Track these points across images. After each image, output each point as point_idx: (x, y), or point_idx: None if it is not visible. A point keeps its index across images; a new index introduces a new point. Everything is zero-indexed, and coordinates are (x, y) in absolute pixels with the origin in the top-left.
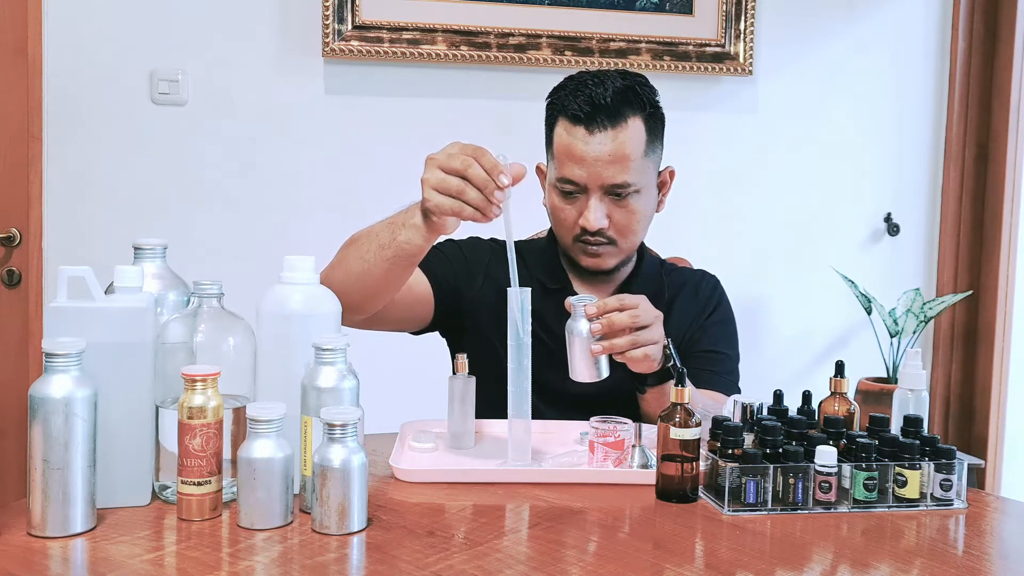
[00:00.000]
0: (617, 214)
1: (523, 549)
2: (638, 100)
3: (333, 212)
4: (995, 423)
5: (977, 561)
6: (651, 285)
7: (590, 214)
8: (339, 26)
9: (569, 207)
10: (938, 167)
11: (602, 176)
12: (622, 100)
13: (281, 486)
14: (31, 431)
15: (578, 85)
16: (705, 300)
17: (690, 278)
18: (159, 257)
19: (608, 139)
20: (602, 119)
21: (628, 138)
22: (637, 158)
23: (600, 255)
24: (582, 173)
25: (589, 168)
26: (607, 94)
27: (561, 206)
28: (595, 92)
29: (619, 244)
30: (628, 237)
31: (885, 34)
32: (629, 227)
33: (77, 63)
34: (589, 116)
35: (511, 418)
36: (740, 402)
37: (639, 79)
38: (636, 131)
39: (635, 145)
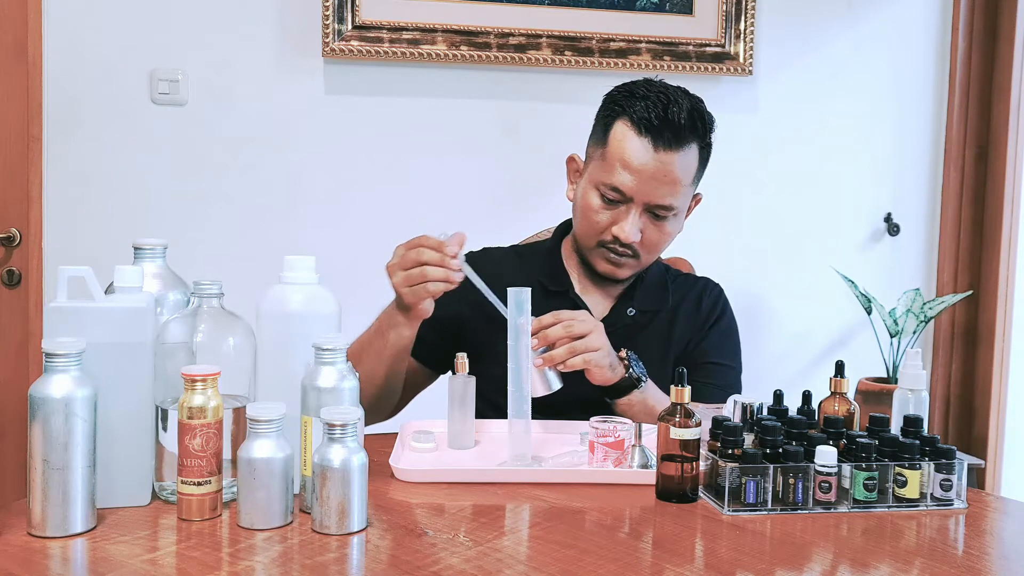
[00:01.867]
0: (650, 231)
1: (523, 549)
2: (703, 127)
3: (333, 212)
4: (995, 423)
5: (977, 561)
6: (655, 291)
7: (627, 226)
8: (339, 26)
9: (606, 212)
10: (938, 167)
11: (652, 194)
12: (691, 124)
13: (281, 486)
14: (31, 431)
15: (654, 91)
16: (708, 309)
17: (693, 286)
18: (159, 257)
19: (670, 159)
20: (669, 137)
21: (686, 163)
22: (686, 184)
23: (621, 265)
24: (633, 185)
25: (642, 182)
26: (682, 113)
27: (597, 209)
28: (671, 108)
29: (642, 259)
30: (652, 254)
31: (885, 34)
32: (657, 246)
33: (77, 63)
34: (658, 130)
35: (511, 418)
36: (740, 402)
37: (704, 106)
38: (693, 158)
39: (688, 171)
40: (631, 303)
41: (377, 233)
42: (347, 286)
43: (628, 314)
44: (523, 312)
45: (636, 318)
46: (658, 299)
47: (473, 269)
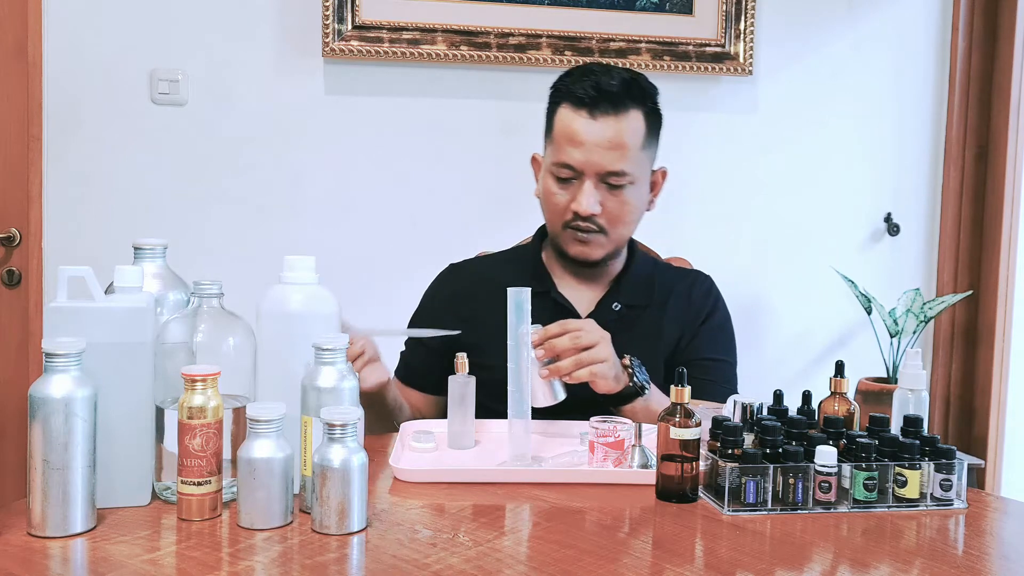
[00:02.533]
0: (610, 203)
1: (523, 549)
2: (641, 93)
3: (333, 212)
4: (995, 423)
5: (977, 561)
6: (642, 284)
7: (583, 198)
8: (339, 26)
9: (563, 191)
10: (938, 167)
11: (600, 162)
12: (627, 90)
13: (281, 486)
14: (31, 431)
15: (585, 72)
16: (700, 304)
17: (683, 279)
18: (159, 257)
19: (610, 125)
20: (606, 105)
21: (628, 127)
22: (635, 149)
23: (589, 243)
24: (580, 157)
25: (588, 152)
26: (613, 82)
27: (555, 190)
28: (602, 80)
29: (609, 234)
30: (618, 228)
31: (885, 34)
32: (620, 218)
33: (77, 63)
34: (594, 100)
35: (511, 418)
36: (740, 402)
37: (643, 77)
38: (637, 122)
39: (634, 136)
40: (617, 297)
41: (377, 233)
42: (347, 286)
43: (614, 309)
44: (523, 312)
45: (622, 312)
46: (645, 293)
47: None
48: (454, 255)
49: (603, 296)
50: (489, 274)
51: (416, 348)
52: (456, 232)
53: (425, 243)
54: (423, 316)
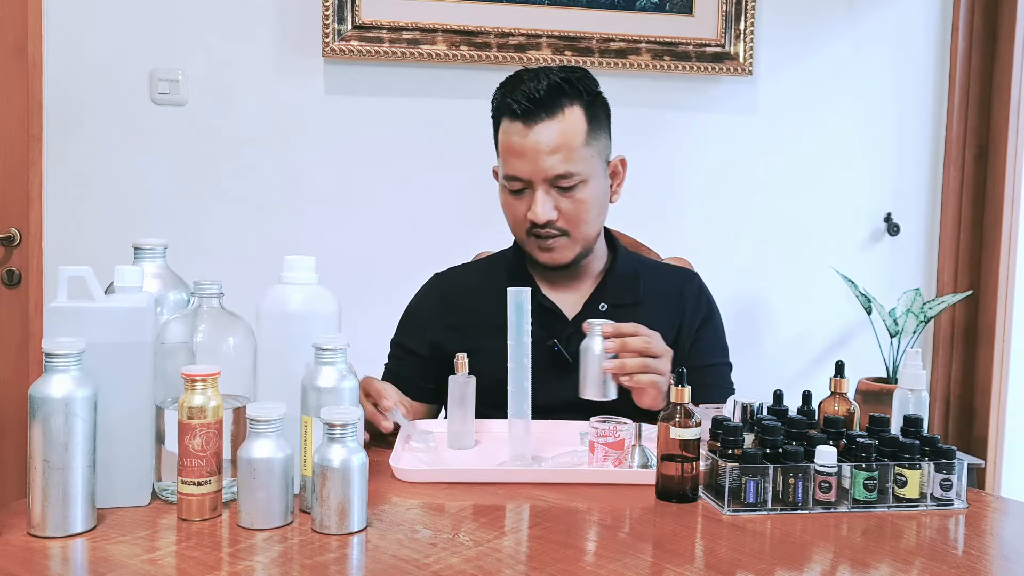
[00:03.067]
0: (565, 205)
1: (523, 549)
2: (574, 90)
3: (333, 212)
4: (995, 423)
5: (977, 561)
6: (627, 283)
7: (537, 207)
8: (339, 26)
9: (518, 203)
10: (938, 167)
11: (544, 168)
12: (557, 91)
13: (281, 486)
14: (31, 431)
15: (515, 82)
16: (693, 305)
17: (670, 277)
18: (159, 257)
19: (545, 130)
20: (538, 112)
21: (566, 128)
22: (578, 147)
23: (554, 248)
24: (524, 167)
25: (530, 161)
26: (541, 87)
27: (511, 203)
28: (530, 87)
29: (572, 235)
30: (580, 227)
31: (885, 34)
32: (579, 217)
33: (77, 63)
34: (526, 110)
35: (511, 418)
36: (740, 402)
37: (578, 72)
38: (574, 120)
39: (574, 134)
40: (603, 297)
41: (377, 233)
42: (347, 286)
43: (600, 309)
44: (523, 312)
45: (609, 312)
46: (630, 292)
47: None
48: (454, 255)
49: (589, 296)
50: (473, 281)
51: (404, 358)
52: (456, 232)
53: (425, 243)
54: (409, 325)
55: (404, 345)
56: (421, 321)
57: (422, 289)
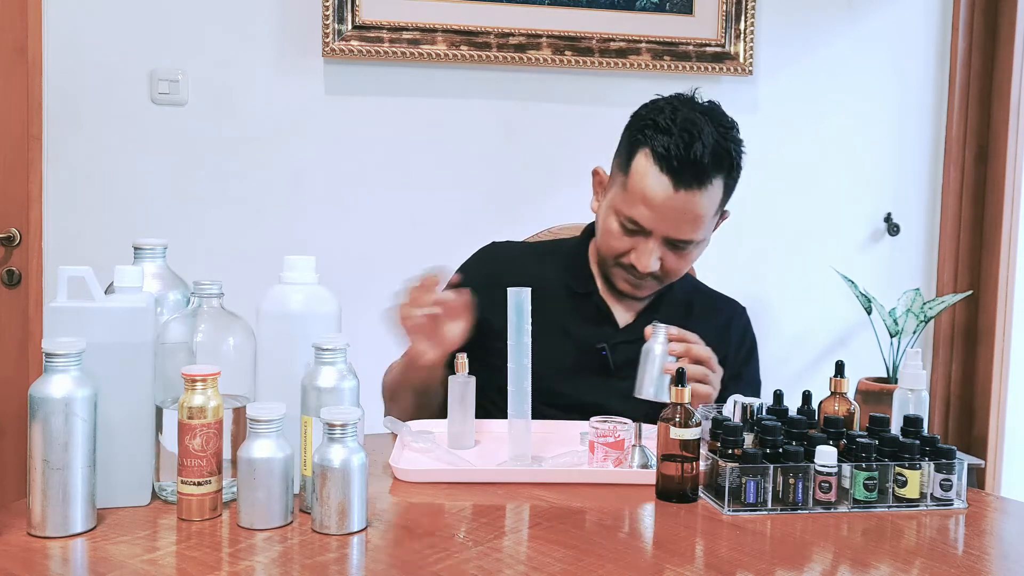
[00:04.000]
0: (670, 259)
1: (523, 549)
2: (728, 161)
3: (333, 212)
4: (995, 423)
5: (977, 561)
6: (681, 305)
7: (644, 258)
8: (339, 26)
9: (624, 239)
10: (938, 167)
11: (671, 231)
12: (715, 161)
13: (281, 486)
14: (31, 431)
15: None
16: (739, 340)
17: (721, 308)
18: (159, 257)
19: (690, 199)
20: (690, 178)
21: (709, 200)
22: (709, 217)
23: (641, 288)
24: (651, 220)
25: (662, 220)
26: (706, 152)
27: (617, 235)
28: (695, 145)
29: (663, 281)
30: (672, 278)
31: (885, 34)
32: (678, 272)
33: (77, 63)
34: (678, 171)
35: (511, 418)
36: (740, 402)
37: (734, 135)
38: (717, 192)
39: (712, 205)
40: (656, 315)
41: (377, 233)
42: (347, 286)
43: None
44: (523, 312)
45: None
46: (683, 314)
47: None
48: (454, 255)
49: (642, 310)
50: (530, 262)
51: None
52: (456, 232)
53: (425, 243)
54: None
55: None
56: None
57: (479, 253)
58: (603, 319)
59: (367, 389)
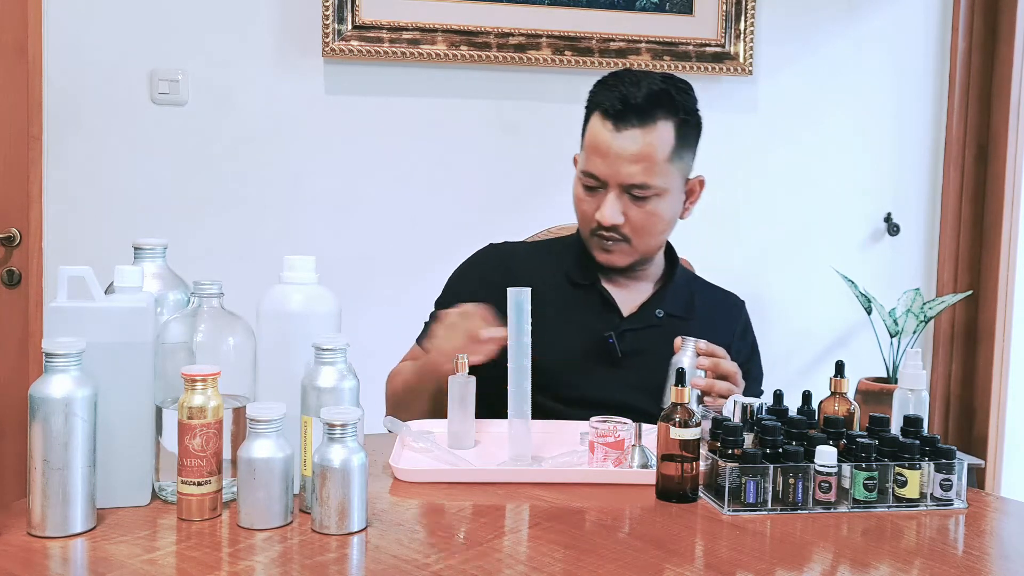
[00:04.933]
0: (634, 213)
1: (523, 549)
2: (672, 105)
3: (333, 212)
4: (995, 423)
5: (977, 561)
6: (683, 298)
7: (605, 209)
8: (339, 26)
9: (590, 200)
10: (938, 167)
11: (622, 174)
12: (655, 102)
13: (281, 486)
14: (31, 431)
15: (616, 81)
16: (742, 334)
17: (722, 301)
18: (159, 257)
19: (634, 138)
20: (631, 117)
21: (653, 140)
22: (661, 161)
23: (612, 251)
24: (604, 168)
25: (610, 164)
26: (640, 93)
27: (583, 198)
28: (629, 90)
29: (633, 243)
30: (643, 238)
31: (885, 34)
32: (645, 228)
33: (77, 63)
34: (619, 113)
35: (511, 418)
36: (740, 402)
37: (681, 84)
38: (665, 134)
39: (661, 148)
40: (661, 304)
41: (377, 233)
42: (347, 286)
43: (657, 315)
44: (523, 312)
45: (664, 320)
46: (686, 305)
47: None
48: (454, 255)
49: (647, 300)
50: (534, 258)
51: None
52: (456, 232)
53: (425, 243)
54: (457, 291)
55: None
56: (472, 286)
57: (476, 255)
58: (607, 308)
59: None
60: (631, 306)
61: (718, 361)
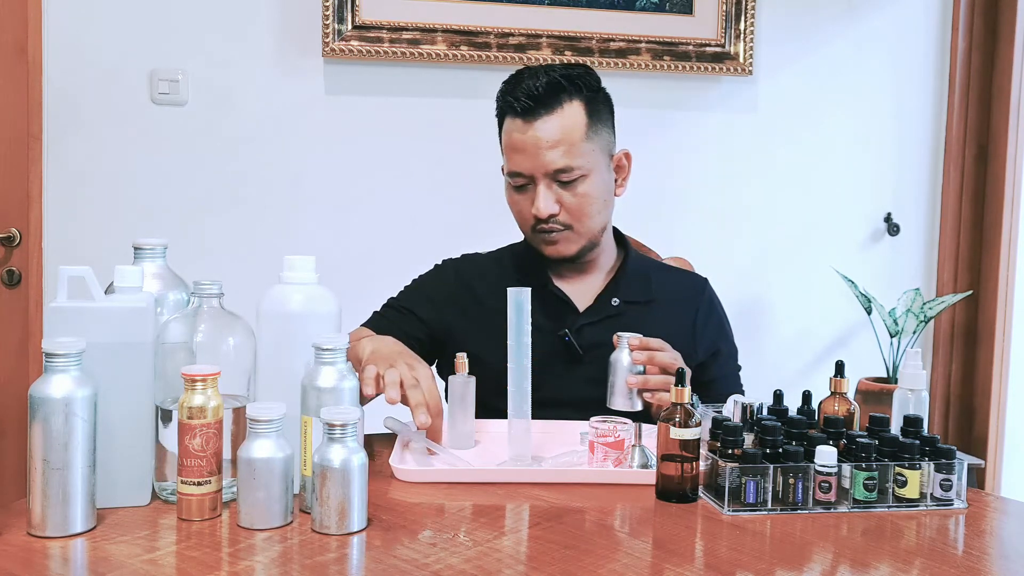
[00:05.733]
0: (567, 199)
1: (523, 549)
2: (573, 86)
3: (333, 212)
4: (995, 423)
5: (977, 561)
6: (637, 283)
7: (539, 201)
8: (339, 26)
9: (522, 199)
10: (938, 167)
11: (544, 162)
12: (556, 87)
13: (281, 486)
14: (31, 431)
15: (516, 80)
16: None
17: (682, 281)
18: (159, 257)
19: (544, 125)
20: (537, 108)
21: (564, 123)
22: (578, 141)
23: (557, 242)
24: (525, 162)
25: (531, 157)
26: (540, 84)
27: (515, 199)
28: (529, 84)
29: (575, 228)
30: (583, 221)
31: (885, 34)
32: (582, 211)
33: (77, 63)
34: (525, 107)
35: (511, 418)
36: (740, 402)
37: (578, 68)
38: (574, 115)
39: (573, 128)
40: (616, 293)
41: (377, 233)
42: (347, 286)
43: (613, 304)
44: (522, 312)
45: (621, 308)
46: (642, 290)
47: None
48: (454, 255)
49: (602, 291)
50: (486, 270)
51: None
52: (456, 232)
53: (425, 243)
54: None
55: (406, 307)
56: (430, 293)
57: (432, 269)
58: (563, 307)
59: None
60: (586, 300)
61: (653, 354)
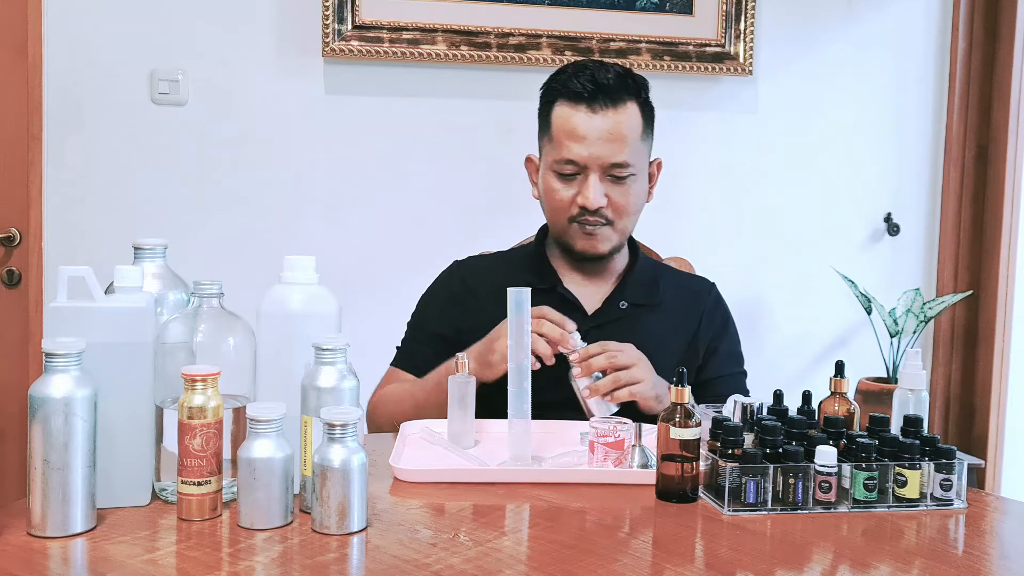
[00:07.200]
0: (615, 194)
1: (523, 549)
2: (635, 86)
3: (333, 212)
4: (995, 423)
5: (977, 561)
6: (647, 284)
7: (590, 192)
8: (339, 26)
9: (566, 187)
10: (938, 167)
11: (603, 155)
12: (622, 84)
13: (281, 486)
14: (31, 431)
15: (579, 68)
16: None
17: (689, 284)
18: (159, 257)
19: (609, 118)
20: (604, 99)
21: (627, 120)
22: (635, 141)
23: (595, 236)
24: (583, 151)
25: (591, 146)
26: (609, 75)
27: (558, 187)
28: (598, 74)
29: (615, 226)
30: (624, 219)
31: (885, 34)
32: (626, 209)
33: (77, 63)
34: (592, 95)
35: (511, 418)
36: (740, 402)
37: (633, 72)
38: (634, 115)
39: (633, 128)
40: (623, 296)
41: (377, 233)
42: (347, 286)
43: (621, 307)
44: (523, 312)
45: (628, 311)
46: (649, 293)
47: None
48: (455, 255)
49: (610, 294)
50: (494, 271)
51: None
52: (457, 232)
53: (426, 243)
54: (429, 309)
55: (423, 327)
56: (441, 304)
57: (442, 274)
58: (571, 309)
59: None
60: (594, 303)
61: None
